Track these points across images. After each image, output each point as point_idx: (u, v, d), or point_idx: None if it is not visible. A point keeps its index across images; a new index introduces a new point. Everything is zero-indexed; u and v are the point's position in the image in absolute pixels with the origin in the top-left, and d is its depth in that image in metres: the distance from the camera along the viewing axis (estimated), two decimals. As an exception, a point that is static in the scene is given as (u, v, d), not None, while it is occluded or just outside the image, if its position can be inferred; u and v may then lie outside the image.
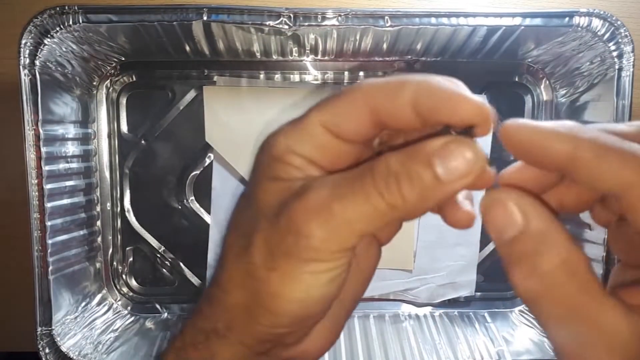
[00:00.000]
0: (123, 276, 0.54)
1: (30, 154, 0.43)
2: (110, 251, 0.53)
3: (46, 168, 0.44)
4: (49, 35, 0.42)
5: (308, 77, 0.52)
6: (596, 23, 0.43)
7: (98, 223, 0.53)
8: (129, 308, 0.54)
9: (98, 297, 0.52)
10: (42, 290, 0.44)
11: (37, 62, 0.43)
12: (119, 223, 0.53)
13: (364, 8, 0.49)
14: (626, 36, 0.44)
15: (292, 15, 0.43)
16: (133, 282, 0.54)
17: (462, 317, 0.54)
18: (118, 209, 0.53)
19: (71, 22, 0.42)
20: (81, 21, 0.42)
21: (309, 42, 0.47)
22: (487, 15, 0.43)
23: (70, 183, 0.48)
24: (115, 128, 0.52)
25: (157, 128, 0.52)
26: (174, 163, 0.53)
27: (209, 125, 0.51)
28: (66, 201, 0.47)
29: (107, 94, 0.52)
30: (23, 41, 0.42)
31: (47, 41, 0.43)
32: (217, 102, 0.51)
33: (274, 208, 0.20)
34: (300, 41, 0.47)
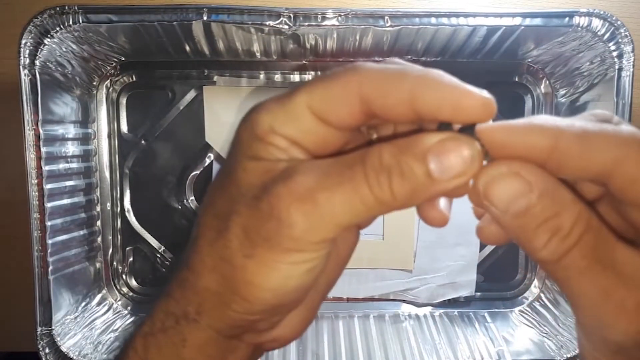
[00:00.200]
0: (123, 276, 0.54)
1: (30, 154, 0.43)
2: (110, 251, 0.53)
3: (46, 168, 0.44)
4: (49, 35, 0.42)
5: (308, 77, 0.52)
6: (596, 23, 0.43)
7: (98, 223, 0.53)
8: (129, 308, 0.54)
9: (98, 297, 0.52)
10: (42, 290, 0.44)
11: (37, 62, 0.43)
12: (119, 223, 0.53)
13: (364, 8, 0.49)
14: (626, 36, 0.44)
15: (292, 15, 0.43)
16: (133, 282, 0.54)
17: (462, 317, 0.54)
18: (118, 209, 0.53)
19: (71, 22, 0.42)
20: (81, 21, 0.42)
21: (309, 42, 0.47)
22: (487, 15, 0.43)
23: (70, 183, 0.48)
24: (115, 128, 0.52)
25: (157, 128, 0.52)
26: (174, 163, 0.53)
27: (209, 125, 0.51)
28: (66, 201, 0.47)
29: (107, 94, 0.52)
30: (23, 41, 0.42)
31: (47, 41, 0.43)
32: (217, 102, 0.51)
33: (254, 189, 0.19)
34: (300, 41, 0.47)
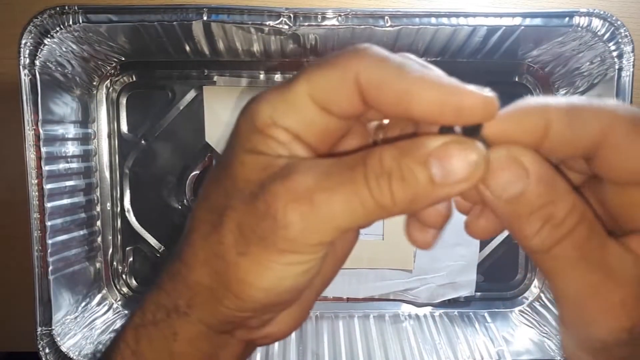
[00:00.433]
0: (123, 276, 0.54)
1: (30, 154, 0.43)
2: (110, 251, 0.53)
3: (46, 168, 0.44)
4: (49, 35, 0.42)
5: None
6: (596, 23, 0.43)
7: (98, 223, 0.53)
8: (129, 308, 0.54)
9: (98, 297, 0.52)
10: (42, 290, 0.44)
11: (37, 62, 0.43)
12: (119, 223, 0.53)
13: (364, 8, 0.49)
14: (626, 36, 0.44)
15: (292, 15, 0.43)
16: (133, 282, 0.54)
17: (462, 317, 0.54)
18: (118, 209, 0.53)
19: (71, 22, 0.42)
20: (81, 21, 0.42)
21: (309, 42, 0.47)
22: (487, 15, 0.43)
23: (70, 183, 0.48)
24: (115, 128, 0.52)
25: (157, 128, 0.52)
26: (174, 163, 0.53)
27: (209, 125, 0.51)
28: (66, 201, 0.47)
29: (107, 94, 0.52)
30: (23, 41, 0.42)
31: (47, 41, 0.43)
32: (217, 102, 0.51)
33: (251, 185, 0.19)
34: (300, 41, 0.47)
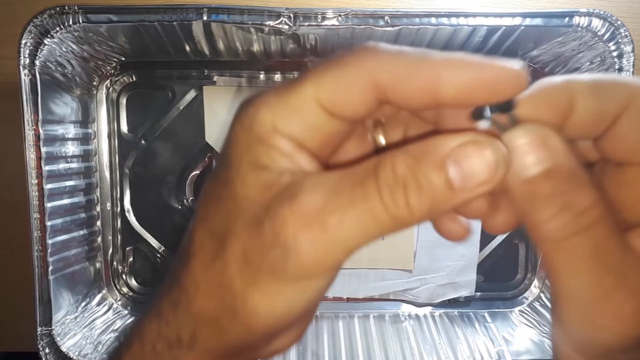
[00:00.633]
0: (123, 276, 0.54)
1: (30, 154, 0.43)
2: (110, 251, 0.53)
3: (46, 168, 0.44)
4: (49, 35, 0.42)
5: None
6: (596, 23, 0.43)
7: (98, 223, 0.53)
8: (129, 308, 0.54)
9: (98, 297, 0.52)
10: (42, 290, 0.44)
11: (37, 62, 0.43)
12: (119, 223, 0.53)
13: (364, 8, 0.49)
14: (626, 36, 0.44)
15: (292, 15, 0.43)
16: (133, 282, 0.54)
17: (462, 317, 0.54)
18: (118, 209, 0.53)
19: (71, 22, 0.42)
20: (81, 21, 0.42)
21: (309, 42, 0.47)
22: (487, 15, 0.43)
23: (70, 183, 0.48)
24: (115, 128, 0.52)
25: (157, 128, 0.52)
26: (174, 163, 0.53)
27: (209, 125, 0.51)
28: (66, 201, 0.47)
29: (107, 94, 0.52)
30: (23, 41, 0.42)
31: (47, 41, 0.43)
32: (217, 102, 0.51)
33: (255, 207, 0.17)
34: (300, 41, 0.47)
